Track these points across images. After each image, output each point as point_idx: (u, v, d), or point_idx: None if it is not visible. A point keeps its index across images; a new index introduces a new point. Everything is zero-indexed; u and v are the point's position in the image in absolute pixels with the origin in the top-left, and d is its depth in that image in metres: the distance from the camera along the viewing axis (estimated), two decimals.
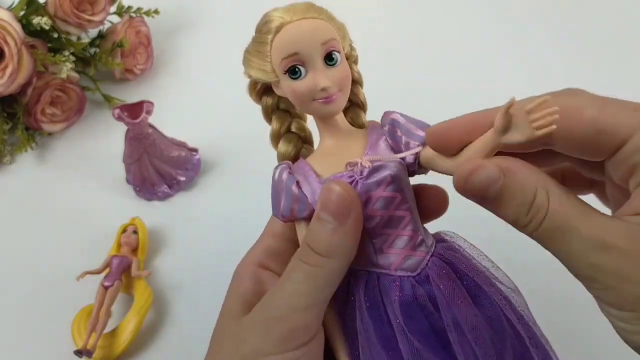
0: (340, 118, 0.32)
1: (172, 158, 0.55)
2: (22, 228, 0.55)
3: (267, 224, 0.36)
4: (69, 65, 0.59)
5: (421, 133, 0.30)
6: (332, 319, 0.31)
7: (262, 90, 0.33)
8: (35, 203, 0.57)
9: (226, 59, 0.71)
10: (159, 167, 0.55)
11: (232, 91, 0.66)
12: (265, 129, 0.35)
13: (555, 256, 0.25)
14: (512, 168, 0.25)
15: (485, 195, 0.25)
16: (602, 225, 0.23)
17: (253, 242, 0.53)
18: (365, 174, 0.29)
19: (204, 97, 0.66)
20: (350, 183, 0.29)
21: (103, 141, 0.62)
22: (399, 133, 0.30)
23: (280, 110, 0.34)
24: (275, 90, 0.32)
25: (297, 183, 0.31)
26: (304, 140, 0.34)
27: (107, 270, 0.48)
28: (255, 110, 0.66)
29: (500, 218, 0.26)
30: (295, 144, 0.33)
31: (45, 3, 0.62)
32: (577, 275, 0.24)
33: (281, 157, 0.33)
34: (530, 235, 0.25)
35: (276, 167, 0.32)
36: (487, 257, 0.31)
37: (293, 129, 0.34)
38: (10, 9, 0.60)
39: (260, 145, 0.61)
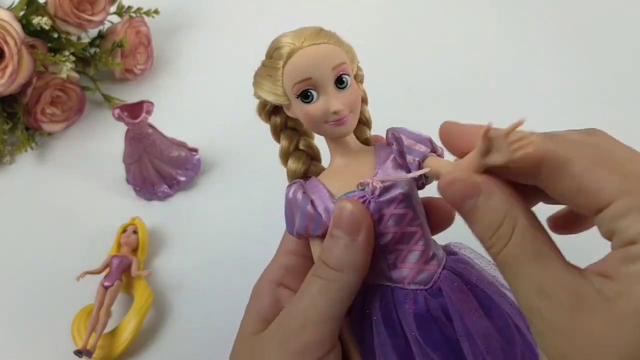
0: (351, 137, 0.33)
1: (172, 158, 0.55)
2: (22, 228, 0.55)
3: (281, 241, 0.37)
4: (69, 65, 0.59)
5: (421, 148, 0.31)
6: (348, 334, 0.32)
7: (271, 111, 0.34)
8: (35, 203, 0.57)
9: (226, 59, 0.71)
10: (159, 167, 0.55)
11: (232, 91, 0.66)
12: (265, 128, 0.35)
13: (508, 285, 0.25)
14: (490, 189, 0.26)
15: (459, 208, 0.26)
16: (551, 274, 0.24)
17: (253, 241, 0.53)
18: (376, 193, 0.30)
19: (204, 97, 0.66)
20: (363, 202, 0.30)
21: (103, 141, 0.62)
22: (404, 151, 0.31)
23: (288, 129, 0.35)
24: (287, 112, 0.33)
25: (312, 202, 0.31)
26: (312, 157, 0.35)
27: (107, 270, 0.48)
28: (255, 110, 0.66)
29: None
30: (304, 162, 0.34)
31: (45, 3, 0.62)
32: (521, 311, 0.25)
33: (291, 174, 0.34)
34: (491, 257, 0.26)
35: (289, 186, 0.33)
36: (494, 266, 0.32)
37: (301, 146, 0.34)
38: (10, 9, 0.60)
39: (260, 146, 0.61)
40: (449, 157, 0.31)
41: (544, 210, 0.29)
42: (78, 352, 0.43)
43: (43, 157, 0.61)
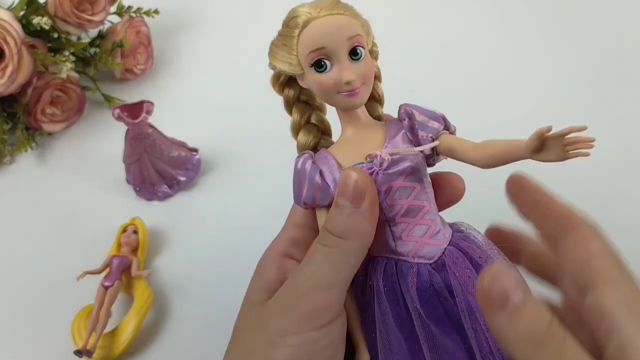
0: (362, 110, 0.33)
1: (172, 158, 0.55)
2: (22, 228, 0.55)
3: (288, 214, 0.37)
4: (69, 65, 0.59)
5: (434, 124, 0.31)
6: (350, 302, 0.32)
7: (285, 82, 0.34)
8: (35, 203, 0.57)
9: (226, 59, 0.71)
10: (159, 167, 0.55)
11: (232, 91, 0.66)
12: (265, 129, 0.35)
13: None
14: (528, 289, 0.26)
15: (497, 305, 0.25)
16: None
17: (253, 241, 0.53)
18: (385, 165, 0.31)
19: (204, 97, 0.66)
20: (370, 174, 0.30)
21: (103, 141, 0.62)
22: (415, 126, 0.31)
23: (301, 102, 0.35)
24: (300, 83, 0.33)
25: (320, 172, 0.32)
26: (323, 131, 0.35)
27: (107, 270, 0.48)
28: (255, 110, 0.67)
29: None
30: (314, 135, 0.34)
31: (45, 3, 0.62)
32: None
33: (301, 148, 0.35)
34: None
35: (298, 157, 0.34)
36: (497, 249, 0.32)
37: (313, 120, 0.35)
38: (10, 8, 0.60)
39: (260, 146, 0.61)
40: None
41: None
42: (78, 352, 0.43)
43: (43, 157, 0.61)
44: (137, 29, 0.67)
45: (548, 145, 0.26)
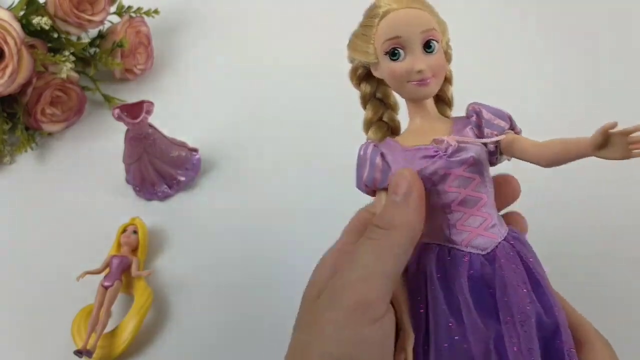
0: (430, 103, 0.35)
1: (172, 158, 0.55)
2: (22, 228, 0.55)
3: (350, 221, 0.38)
4: (69, 65, 0.59)
5: (501, 123, 0.33)
6: (401, 290, 0.32)
7: (362, 77, 0.36)
8: (35, 203, 0.57)
9: (226, 59, 0.71)
10: (159, 167, 0.55)
11: (232, 91, 0.66)
12: (264, 129, 0.35)
13: None
14: None
15: None
16: None
17: (253, 241, 0.53)
18: (449, 151, 0.32)
19: (204, 97, 0.66)
20: (433, 157, 0.32)
21: (103, 141, 0.62)
22: (482, 124, 0.33)
23: (376, 99, 0.36)
24: (374, 72, 0.35)
25: (382, 155, 0.34)
26: (393, 130, 0.36)
27: (107, 270, 0.48)
28: (254, 110, 0.67)
29: None
30: (384, 133, 0.35)
31: (45, 3, 0.62)
32: None
33: None
34: None
35: (362, 145, 0.35)
36: (541, 263, 0.33)
37: (385, 118, 0.36)
38: (10, 8, 0.60)
39: (260, 146, 0.61)
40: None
41: None
42: (78, 352, 0.44)
43: (43, 157, 0.61)
44: (137, 29, 0.67)
45: (612, 142, 0.26)
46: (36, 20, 0.59)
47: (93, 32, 0.67)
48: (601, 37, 0.68)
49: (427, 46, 0.33)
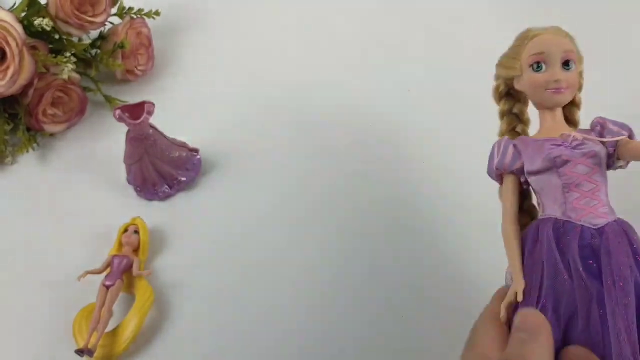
0: (560, 113, 0.41)
1: (173, 158, 0.56)
2: (24, 228, 0.55)
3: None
4: (70, 66, 0.60)
5: (621, 131, 0.38)
6: (515, 237, 0.38)
7: (502, 94, 0.43)
8: (37, 203, 0.57)
9: (226, 59, 0.71)
10: (160, 168, 0.55)
11: (232, 92, 0.67)
12: (265, 129, 0.35)
13: None
14: None
15: None
16: None
17: (253, 241, 0.53)
18: (573, 144, 0.38)
19: (204, 97, 0.66)
20: (559, 145, 0.38)
21: (104, 142, 0.62)
22: (604, 132, 0.39)
23: (512, 114, 0.43)
24: (515, 85, 0.42)
25: (514, 144, 0.40)
26: None
27: (108, 270, 0.49)
28: (255, 111, 0.67)
29: None
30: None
31: (47, 4, 0.62)
32: None
33: None
34: None
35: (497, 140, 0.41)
36: None
37: (517, 129, 0.43)
38: (11, 10, 0.60)
39: (260, 146, 0.61)
40: None
41: None
42: (79, 351, 0.44)
43: (44, 157, 0.62)
44: (138, 30, 0.67)
45: None
46: (37, 21, 0.59)
47: (94, 33, 0.67)
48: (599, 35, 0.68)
49: (566, 64, 0.40)
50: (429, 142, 0.60)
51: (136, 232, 0.51)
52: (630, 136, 0.39)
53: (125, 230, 0.52)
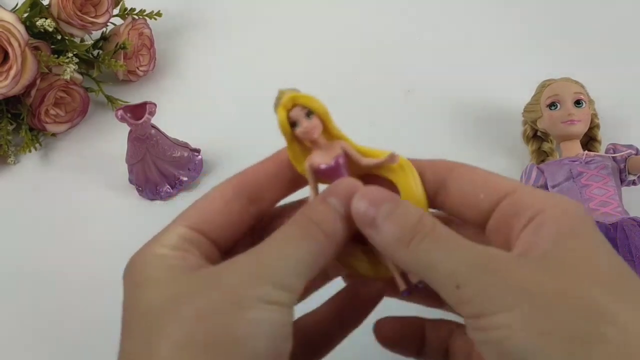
0: (578, 145, 0.49)
1: (175, 158, 0.56)
2: (26, 228, 0.56)
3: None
4: (73, 66, 0.60)
5: (630, 151, 0.47)
6: None
7: (530, 137, 0.54)
8: (39, 203, 0.58)
9: (228, 60, 0.71)
10: (162, 168, 0.55)
11: (234, 92, 0.67)
12: (266, 129, 0.35)
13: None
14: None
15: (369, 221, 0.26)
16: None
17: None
18: (587, 160, 0.47)
19: (206, 98, 0.66)
20: (574, 162, 0.47)
21: (106, 142, 0.62)
22: (615, 151, 0.47)
23: (540, 151, 0.53)
24: (539, 124, 0.52)
25: (537, 167, 0.49)
26: None
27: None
28: (256, 111, 0.67)
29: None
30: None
31: (49, 5, 0.62)
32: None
33: None
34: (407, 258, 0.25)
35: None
36: None
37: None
38: (14, 11, 0.61)
39: (261, 146, 0.61)
40: None
41: None
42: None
43: (47, 157, 0.62)
44: (140, 31, 0.67)
45: None
46: (40, 22, 0.59)
47: (96, 34, 0.68)
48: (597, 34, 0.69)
49: (577, 103, 0.49)
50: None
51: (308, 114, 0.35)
52: (638, 153, 0.47)
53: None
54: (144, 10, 0.68)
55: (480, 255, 0.24)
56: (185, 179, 0.57)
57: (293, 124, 0.28)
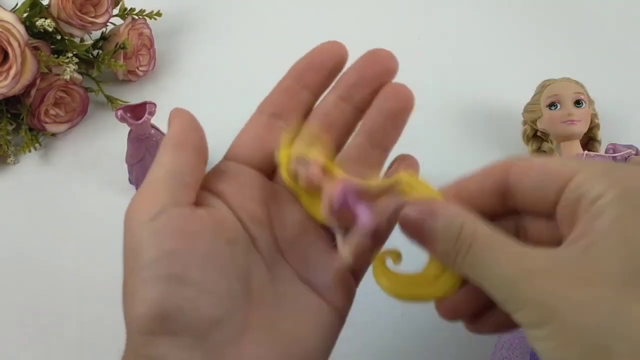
0: (577, 145, 0.50)
1: None
2: (26, 228, 0.56)
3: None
4: (72, 66, 0.60)
5: (630, 151, 0.47)
6: None
7: (529, 137, 0.54)
8: (39, 202, 0.58)
9: (228, 60, 0.71)
10: None
11: (234, 93, 0.67)
12: None
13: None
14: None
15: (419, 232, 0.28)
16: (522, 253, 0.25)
17: None
18: (586, 159, 0.47)
19: (205, 98, 0.67)
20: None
21: (106, 142, 0.62)
22: (615, 151, 0.47)
23: (539, 150, 0.53)
24: (539, 125, 0.52)
25: None
26: None
27: None
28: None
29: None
30: None
31: (49, 5, 0.62)
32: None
33: None
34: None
35: None
36: None
37: None
38: (13, 11, 0.61)
39: None
40: None
41: None
42: None
43: (47, 157, 0.62)
44: (140, 31, 0.67)
45: None
46: (39, 22, 0.60)
47: (96, 34, 0.68)
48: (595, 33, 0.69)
49: (577, 103, 0.50)
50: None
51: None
52: (637, 154, 0.47)
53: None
54: (144, 10, 0.68)
55: (515, 264, 0.24)
56: None
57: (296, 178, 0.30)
